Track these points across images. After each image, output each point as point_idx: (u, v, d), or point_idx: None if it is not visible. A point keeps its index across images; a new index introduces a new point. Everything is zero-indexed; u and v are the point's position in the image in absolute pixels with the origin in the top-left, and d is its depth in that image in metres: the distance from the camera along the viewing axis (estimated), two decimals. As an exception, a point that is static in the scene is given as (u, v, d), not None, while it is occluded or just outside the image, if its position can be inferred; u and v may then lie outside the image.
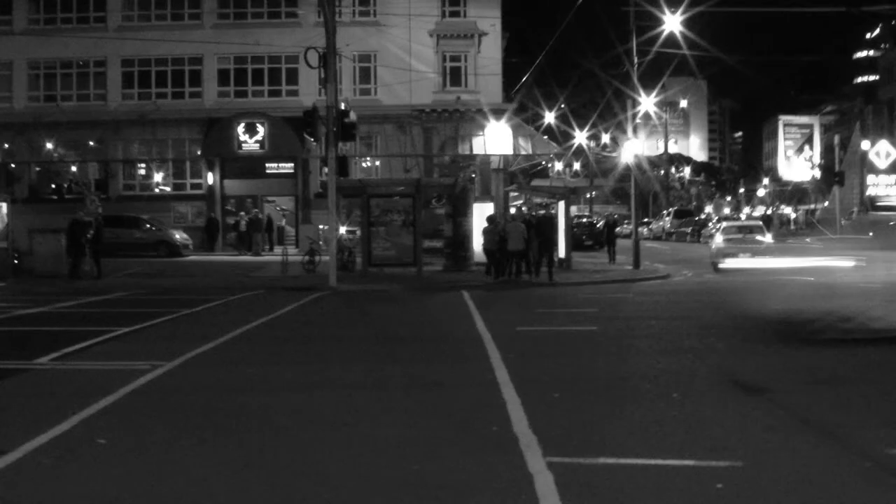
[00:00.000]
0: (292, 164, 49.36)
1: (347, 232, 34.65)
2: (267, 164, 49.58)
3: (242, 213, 47.21)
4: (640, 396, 9.96)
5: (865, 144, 54.76)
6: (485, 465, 7.17)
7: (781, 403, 9.53)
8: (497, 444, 7.83)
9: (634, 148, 38.86)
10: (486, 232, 28.44)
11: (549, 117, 63.63)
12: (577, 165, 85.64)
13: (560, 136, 66.01)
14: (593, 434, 8.22)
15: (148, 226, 44.07)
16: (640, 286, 27.02)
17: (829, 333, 14.41)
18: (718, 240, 34.11)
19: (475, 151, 49.92)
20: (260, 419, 8.99)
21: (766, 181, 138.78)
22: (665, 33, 36.66)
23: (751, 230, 35.53)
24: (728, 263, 30.80)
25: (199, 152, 49.72)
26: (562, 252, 33.30)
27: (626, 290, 25.54)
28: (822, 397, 9.87)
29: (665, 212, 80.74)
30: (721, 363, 12.22)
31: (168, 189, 51.32)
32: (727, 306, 20.43)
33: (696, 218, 75.16)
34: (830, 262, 20.89)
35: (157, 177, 51.62)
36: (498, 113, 48.58)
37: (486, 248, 28.45)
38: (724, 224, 40.76)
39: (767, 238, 33.99)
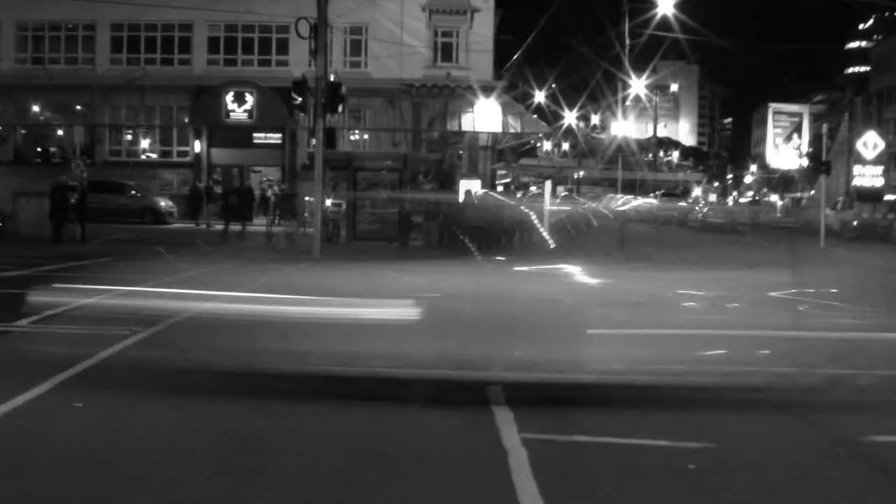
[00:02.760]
0: (280, 135, 49.18)
1: (333, 204, 34.54)
2: (255, 134, 49.39)
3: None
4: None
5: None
6: (461, 439, 7.20)
7: (758, 387, 9.58)
8: (472, 415, 7.86)
9: (623, 130, 38.78)
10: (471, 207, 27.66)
11: (540, 96, 63.54)
12: (566, 146, 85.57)
13: (550, 115, 66.00)
14: (568, 411, 8.24)
15: (133, 192, 43.80)
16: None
17: None
18: None
19: (464, 128, 49.81)
20: (240, 385, 8.98)
21: (753, 168, 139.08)
22: (658, 16, 36.65)
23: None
24: None
25: (186, 120, 49.46)
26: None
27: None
28: (798, 382, 9.91)
29: (652, 195, 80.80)
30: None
31: (154, 156, 51.06)
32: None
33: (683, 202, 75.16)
34: None
35: (144, 143, 51.35)
36: (488, 90, 48.44)
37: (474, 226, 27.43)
38: None
39: None
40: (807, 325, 12.52)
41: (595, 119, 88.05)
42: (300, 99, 27.48)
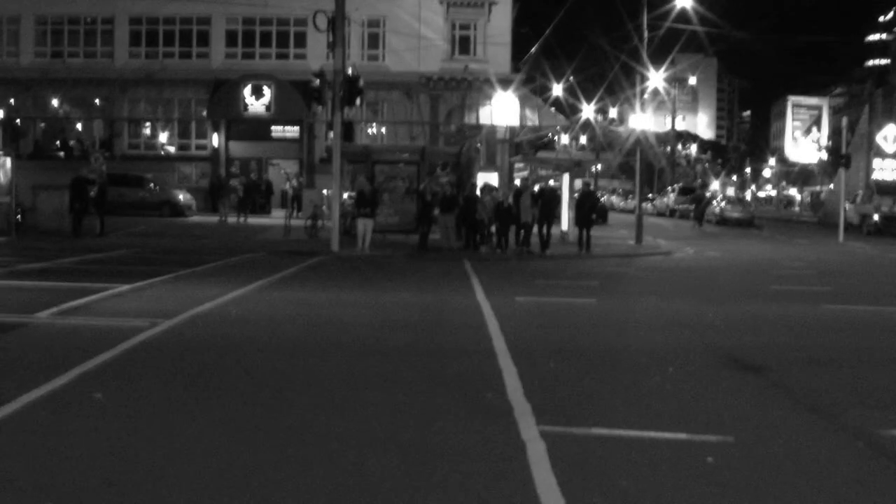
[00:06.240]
0: (298, 128, 49.25)
1: (350, 197, 34.55)
2: (272, 128, 49.48)
3: (234, 181, 46.76)
4: (636, 370, 9.99)
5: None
6: (479, 432, 7.20)
7: (776, 381, 9.57)
8: (491, 411, 7.87)
9: (641, 123, 38.66)
10: (483, 202, 27.47)
11: (557, 89, 63.34)
12: (583, 139, 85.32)
13: (567, 108, 65.81)
14: (587, 404, 8.26)
15: (152, 185, 43.98)
16: (641, 261, 27.03)
17: None
18: None
19: (481, 121, 49.81)
20: (259, 379, 9.03)
21: (772, 161, 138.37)
22: (677, 8, 36.50)
23: None
24: None
25: (204, 113, 49.61)
26: (564, 226, 33.28)
27: (627, 264, 25.54)
28: (818, 377, 9.89)
29: (670, 188, 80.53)
30: (718, 339, 12.23)
31: (173, 149, 51.25)
32: (728, 284, 20.47)
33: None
34: None
35: (163, 137, 51.56)
36: (505, 83, 48.37)
37: (480, 219, 27.28)
38: None
39: None
40: None
41: (613, 112, 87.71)
42: (318, 91, 27.55)
